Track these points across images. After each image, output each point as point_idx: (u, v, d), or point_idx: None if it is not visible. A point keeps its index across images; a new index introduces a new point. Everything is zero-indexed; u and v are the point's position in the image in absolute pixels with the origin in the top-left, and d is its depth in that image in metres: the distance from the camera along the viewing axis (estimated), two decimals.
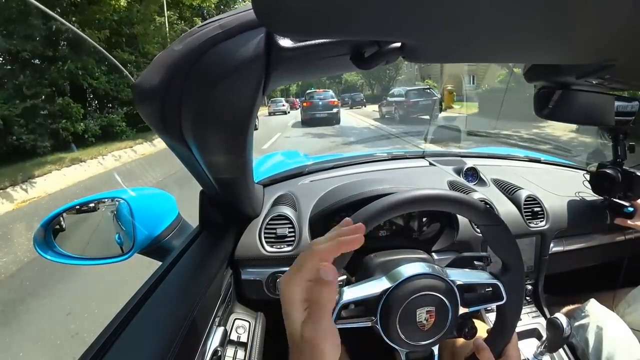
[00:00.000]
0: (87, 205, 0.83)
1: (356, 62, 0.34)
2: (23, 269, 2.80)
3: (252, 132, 0.45)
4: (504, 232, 0.51)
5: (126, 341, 0.42)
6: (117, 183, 5.81)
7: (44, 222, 0.72)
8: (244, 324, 0.68)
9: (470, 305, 0.53)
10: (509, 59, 0.39)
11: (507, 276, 0.53)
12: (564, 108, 0.65)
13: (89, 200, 0.81)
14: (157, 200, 0.83)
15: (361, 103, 21.93)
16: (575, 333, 0.76)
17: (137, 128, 8.91)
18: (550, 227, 0.88)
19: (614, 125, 0.76)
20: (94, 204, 0.84)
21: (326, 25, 0.24)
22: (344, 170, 1.05)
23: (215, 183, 0.58)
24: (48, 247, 0.73)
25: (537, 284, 0.92)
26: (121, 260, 0.72)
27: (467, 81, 17.43)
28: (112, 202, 0.82)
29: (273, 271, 0.75)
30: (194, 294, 0.51)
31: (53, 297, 2.30)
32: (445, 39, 0.28)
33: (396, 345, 0.51)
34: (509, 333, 0.54)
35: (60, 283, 2.41)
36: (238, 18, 0.32)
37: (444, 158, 1.17)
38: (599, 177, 0.88)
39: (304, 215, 0.81)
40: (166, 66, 0.34)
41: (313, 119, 11.63)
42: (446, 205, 0.50)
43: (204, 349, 0.52)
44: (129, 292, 0.51)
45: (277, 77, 0.37)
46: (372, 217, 0.46)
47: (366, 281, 0.52)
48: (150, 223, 0.74)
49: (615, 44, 0.29)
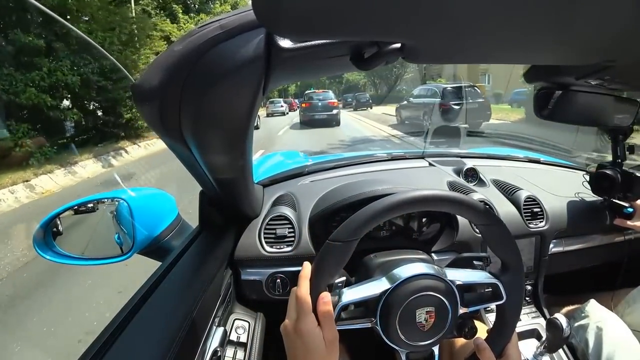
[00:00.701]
0: (87, 206, 0.83)
1: (356, 63, 0.34)
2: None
3: (252, 132, 0.45)
4: (503, 232, 0.51)
5: (126, 341, 0.42)
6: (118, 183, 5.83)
7: (43, 222, 0.72)
8: (244, 324, 0.68)
9: (470, 305, 0.53)
10: (509, 60, 0.39)
11: (507, 276, 0.53)
12: (564, 108, 0.65)
13: (88, 201, 0.81)
14: (157, 200, 0.83)
15: (367, 104, 19.98)
16: (575, 333, 0.76)
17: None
18: (549, 227, 0.88)
19: (613, 125, 0.76)
20: (93, 204, 0.84)
21: (326, 26, 0.24)
22: (343, 170, 1.05)
23: (215, 183, 0.58)
24: (47, 247, 0.73)
25: (536, 284, 0.92)
26: (121, 261, 0.72)
27: (485, 81, 16.28)
28: (112, 202, 0.82)
29: (273, 271, 0.75)
30: (193, 294, 0.51)
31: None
32: (445, 39, 0.28)
33: (396, 346, 0.51)
34: (508, 333, 0.54)
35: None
36: (238, 18, 0.32)
37: (443, 158, 1.17)
38: (598, 178, 0.88)
39: (303, 215, 0.81)
40: (166, 66, 0.34)
41: (312, 120, 11.37)
42: (445, 206, 0.50)
43: (204, 349, 0.52)
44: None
45: (277, 77, 0.37)
46: (372, 218, 0.46)
47: (366, 282, 0.52)
48: (150, 223, 0.74)
49: (615, 45, 0.29)
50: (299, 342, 0.46)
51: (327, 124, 11.11)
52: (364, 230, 0.47)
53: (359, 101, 20.44)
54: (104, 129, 8.88)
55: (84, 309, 2.07)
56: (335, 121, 11.38)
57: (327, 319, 0.46)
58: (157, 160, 7.40)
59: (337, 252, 0.47)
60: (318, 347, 0.45)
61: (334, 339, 0.47)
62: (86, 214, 0.83)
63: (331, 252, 0.47)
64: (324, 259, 0.47)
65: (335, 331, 0.47)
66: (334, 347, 0.47)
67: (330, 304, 0.47)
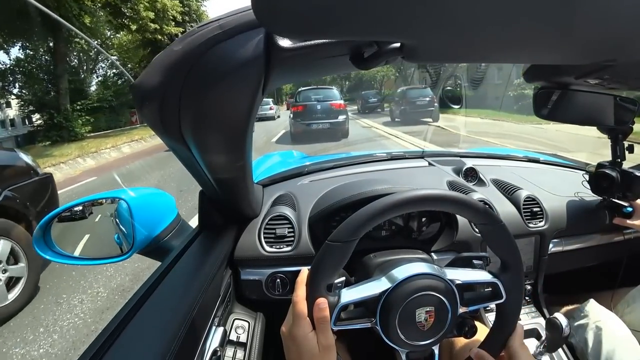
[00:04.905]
0: (87, 206, 0.83)
1: (355, 63, 0.34)
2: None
3: (251, 132, 0.45)
4: (502, 231, 0.51)
5: (126, 341, 0.42)
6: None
7: (43, 222, 0.72)
8: (244, 324, 0.68)
9: (470, 304, 0.53)
10: (509, 59, 0.39)
11: (506, 275, 0.53)
12: (563, 108, 0.65)
13: (88, 200, 0.81)
14: (157, 200, 0.83)
15: (377, 106, 14.48)
16: (574, 333, 0.77)
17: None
18: (549, 227, 0.88)
19: (612, 125, 0.76)
20: (93, 204, 0.84)
21: (325, 25, 0.24)
22: (343, 170, 1.05)
23: (215, 183, 0.58)
24: (47, 247, 0.73)
25: (536, 284, 0.92)
26: (120, 261, 0.72)
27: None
28: (112, 202, 0.82)
29: (272, 271, 0.75)
30: (193, 294, 0.51)
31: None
32: (445, 39, 0.28)
33: (396, 346, 0.51)
34: (508, 332, 0.54)
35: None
36: (238, 18, 0.32)
37: (443, 158, 1.17)
38: (598, 177, 0.88)
39: (303, 215, 0.81)
40: (166, 66, 0.34)
41: (307, 132, 7.57)
42: (445, 206, 0.50)
43: (204, 349, 0.52)
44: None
45: (276, 77, 0.37)
46: (372, 218, 0.46)
47: (365, 282, 0.52)
48: (149, 223, 0.74)
49: (615, 45, 0.29)
50: (293, 346, 0.47)
51: (331, 137, 7.36)
52: (363, 230, 0.47)
53: (366, 102, 14.85)
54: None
55: None
56: (341, 132, 7.83)
57: (322, 325, 0.46)
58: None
59: (337, 252, 0.47)
60: (310, 351, 0.46)
61: (329, 345, 0.46)
62: (86, 214, 0.83)
63: (331, 252, 0.47)
64: (323, 259, 0.47)
65: (330, 337, 0.47)
66: (329, 352, 0.46)
67: (327, 310, 0.46)
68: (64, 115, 11.94)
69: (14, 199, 2.15)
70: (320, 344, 0.46)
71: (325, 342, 0.46)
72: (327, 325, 0.46)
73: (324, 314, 0.46)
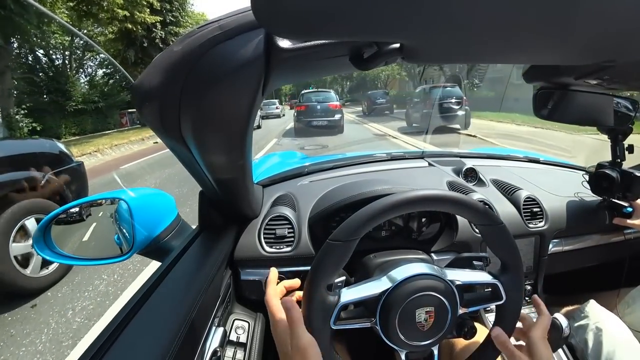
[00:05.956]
0: (86, 206, 0.83)
1: (355, 63, 0.34)
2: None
3: (251, 132, 0.45)
4: (502, 232, 0.51)
5: (126, 342, 0.42)
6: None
7: (43, 222, 0.72)
8: (244, 325, 0.68)
9: (470, 305, 0.53)
10: (509, 60, 0.39)
11: (506, 276, 0.53)
12: (563, 108, 0.65)
13: (88, 201, 0.81)
14: (157, 200, 0.83)
15: (386, 107, 13.28)
16: (574, 333, 0.76)
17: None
18: (549, 227, 0.88)
19: (612, 125, 0.76)
20: (93, 204, 0.84)
21: (325, 26, 0.24)
22: (343, 170, 1.05)
23: (215, 184, 0.58)
24: (47, 247, 0.72)
25: (536, 284, 0.92)
26: (120, 261, 0.72)
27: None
28: (112, 202, 0.82)
29: None
30: (193, 295, 0.51)
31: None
32: (444, 39, 0.28)
33: (396, 346, 0.51)
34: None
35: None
36: (237, 19, 0.32)
37: (443, 158, 1.17)
38: (598, 178, 0.89)
39: (303, 215, 0.81)
40: (165, 67, 0.34)
41: (309, 127, 9.47)
42: (445, 206, 0.50)
43: (203, 349, 0.52)
44: None
45: (276, 77, 0.37)
46: (372, 218, 0.46)
47: (365, 282, 0.52)
48: (149, 223, 0.74)
49: (615, 45, 0.29)
50: (277, 346, 0.47)
51: (328, 132, 9.44)
52: (363, 230, 0.47)
53: (373, 103, 13.54)
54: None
55: None
56: (338, 128, 9.78)
57: (294, 324, 0.44)
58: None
59: (337, 251, 0.47)
60: (285, 352, 0.45)
61: (302, 345, 0.42)
62: (85, 214, 0.83)
63: (331, 252, 0.47)
64: (323, 259, 0.47)
65: (303, 337, 0.43)
66: (303, 353, 0.42)
67: (295, 308, 0.45)
68: (7, 121, 9.95)
69: (53, 182, 2.45)
70: (292, 344, 0.43)
71: (297, 342, 0.42)
72: (297, 324, 0.44)
73: (292, 313, 0.44)
